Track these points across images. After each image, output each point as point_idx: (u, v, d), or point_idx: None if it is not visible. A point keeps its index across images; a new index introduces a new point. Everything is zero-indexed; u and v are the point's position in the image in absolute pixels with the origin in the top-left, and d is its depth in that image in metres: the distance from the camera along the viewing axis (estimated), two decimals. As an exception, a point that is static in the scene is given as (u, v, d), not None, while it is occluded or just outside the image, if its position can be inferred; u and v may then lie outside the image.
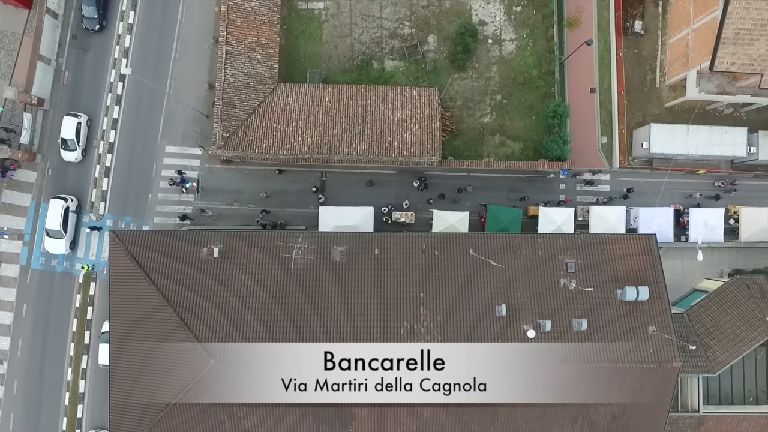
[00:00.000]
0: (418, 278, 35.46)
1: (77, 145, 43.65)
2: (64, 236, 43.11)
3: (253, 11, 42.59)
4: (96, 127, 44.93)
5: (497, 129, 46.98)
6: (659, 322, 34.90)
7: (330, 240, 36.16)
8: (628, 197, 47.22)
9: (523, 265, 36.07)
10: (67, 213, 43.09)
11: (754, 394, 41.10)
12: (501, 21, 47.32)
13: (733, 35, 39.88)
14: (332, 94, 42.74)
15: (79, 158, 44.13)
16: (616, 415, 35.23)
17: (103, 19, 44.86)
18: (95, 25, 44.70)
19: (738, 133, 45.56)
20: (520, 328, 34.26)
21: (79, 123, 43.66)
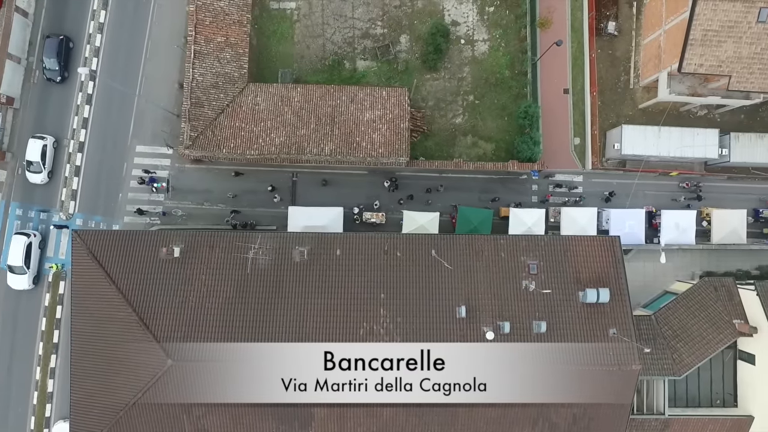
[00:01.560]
0: (379, 279, 35.36)
1: (42, 168, 43.42)
2: (27, 272, 42.97)
3: (223, 11, 42.54)
4: (66, 127, 44.90)
5: (469, 130, 46.91)
6: (620, 325, 34.78)
7: (292, 240, 36.09)
8: (609, 200, 47.05)
9: (485, 266, 35.96)
10: (30, 248, 42.90)
11: (721, 396, 41.03)
12: (474, 21, 47.24)
13: (700, 37, 39.75)
14: (301, 94, 42.70)
15: (45, 180, 44.00)
16: (577, 417, 35.13)
17: (64, 71, 44.73)
18: (57, 76, 44.53)
19: (709, 134, 45.40)
20: (480, 329, 34.19)
21: (44, 145, 43.44)
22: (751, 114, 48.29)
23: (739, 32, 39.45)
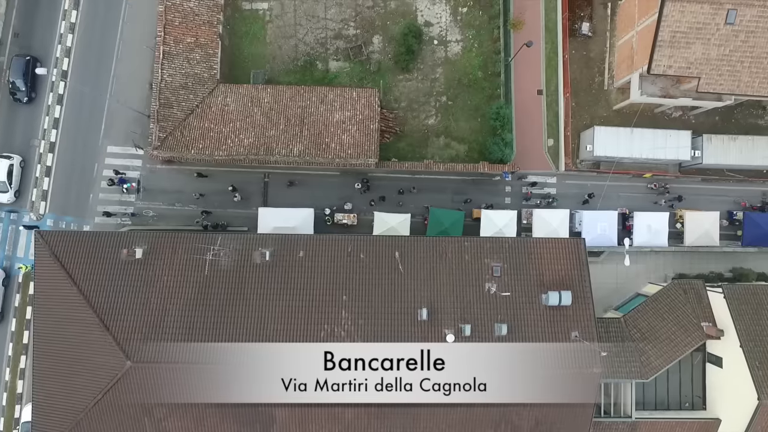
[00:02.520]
0: (341, 281, 35.32)
1: (8, 187, 43.30)
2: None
3: (192, 11, 42.46)
4: (37, 127, 44.86)
5: (442, 131, 46.80)
6: (582, 328, 34.72)
7: (254, 242, 36.05)
8: (587, 202, 46.89)
9: (448, 268, 35.91)
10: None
11: (690, 399, 40.85)
12: (447, 22, 47.10)
13: (669, 38, 39.59)
14: (271, 95, 42.61)
15: (12, 199, 43.92)
16: (539, 421, 35.07)
17: (32, 91, 44.62)
18: (24, 97, 44.46)
19: (682, 136, 45.26)
20: (441, 332, 34.11)
21: (11, 165, 43.32)
22: (726, 116, 48.13)
23: (708, 34, 39.28)
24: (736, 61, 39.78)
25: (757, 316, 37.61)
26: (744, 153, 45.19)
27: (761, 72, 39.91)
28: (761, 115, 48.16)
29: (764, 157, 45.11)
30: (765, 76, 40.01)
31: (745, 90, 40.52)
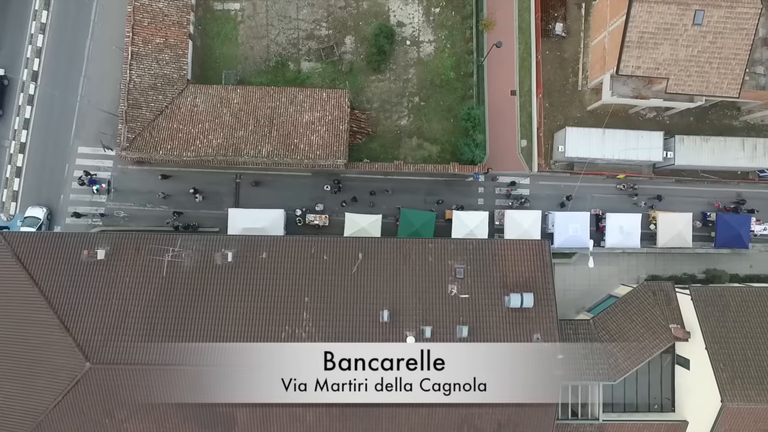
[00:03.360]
0: (304, 282, 35.29)
1: None
2: None
3: (161, 12, 42.37)
4: (8, 126, 44.81)
5: (415, 131, 46.69)
6: (545, 330, 34.60)
7: (217, 243, 35.99)
8: (565, 205, 46.72)
9: (412, 270, 35.83)
10: None
11: (659, 401, 40.71)
12: (419, 22, 46.97)
13: (637, 39, 39.48)
14: (241, 95, 42.54)
15: None
16: (502, 423, 34.96)
17: None
18: None
19: (654, 137, 45.08)
20: (402, 333, 34.01)
21: None
22: (701, 116, 47.96)
23: (676, 35, 39.17)
24: (705, 62, 39.65)
25: (723, 318, 37.48)
26: (716, 154, 44.99)
27: (729, 73, 39.79)
28: (735, 116, 47.95)
29: (736, 159, 44.89)
30: (733, 77, 39.90)
31: (713, 91, 40.40)
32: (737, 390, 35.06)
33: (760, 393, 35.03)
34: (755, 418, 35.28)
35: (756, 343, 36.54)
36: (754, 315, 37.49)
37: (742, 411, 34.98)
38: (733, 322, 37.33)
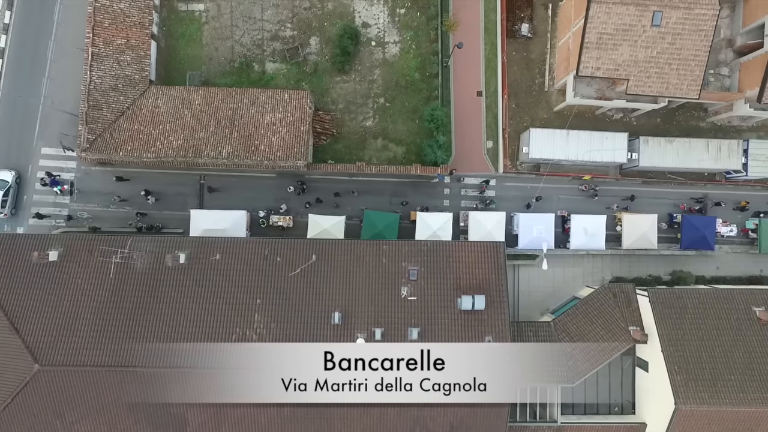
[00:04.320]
0: (256, 284, 35.29)
1: None
2: None
3: (123, 13, 42.31)
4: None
5: (380, 133, 46.61)
6: (497, 332, 34.50)
7: (171, 244, 35.97)
8: (530, 206, 46.59)
9: (366, 272, 35.80)
10: None
11: (619, 403, 40.59)
12: (385, 23, 46.89)
13: (596, 40, 39.36)
14: (203, 97, 42.47)
15: None
16: (454, 426, 34.90)
17: None
18: None
19: (618, 138, 44.92)
20: (354, 335, 33.93)
21: None
22: (668, 118, 47.79)
23: (635, 36, 39.05)
24: (664, 63, 39.53)
25: (680, 320, 37.34)
26: (680, 155, 44.83)
27: (689, 74, 39.65)
28: (703, 117, 47.77)
29: (700, 160, 44.72)
30: (693, 78, 39.75)
31: (673, 92, 40.26)
32: (690, 392, 34.95)
33: (714, 395, 34.90)
34: (709, 420, 35.14)
35: (711, 345, 36.39)
36: (711, 317, 37.32)
37: (695, 413, 34.85)
38: (690, 324, 37.18)
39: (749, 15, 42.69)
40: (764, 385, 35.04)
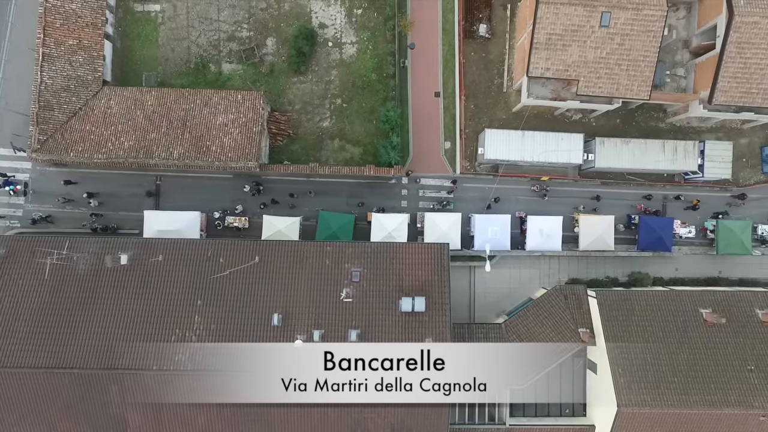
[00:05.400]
0: (199, 285, 35.21)
1: None
2: None
3: (75, 13, 42.23)
4: None
5: (337, 133, 46.50)
6: (437, 334, 34.40)
7: (113, 245, 35.90)
8: (490, 207, 46.43)
9: (308, 273, 35.74)
10: None
11: (571, 406, 40.42)
12: (342, 24, 46.77)
13: (545, 40, 39.23)
14: (156, 98, 42.39)
15: None
16: (395, 428, 34.80)
17: None
18: None
19: (574, 139, 44.74)
20: (293, 337, 33.82)
21: None
22: (627, 119, 47.58)
23: (583, 36, 38.90)
24: (614, 63, 39.37)
25: (626, 322, 37.24)
26: (637, 156, 44.63)
27: (639, 75, 39.49)
28: (662, 118, 47.58)
29: (657, 161, 44.52)
30: (643, 79, 39.60)
31: (624, 93, 40.11)
32: (633, 394, 34.84)
33: (656, 397, 34.78)
34: (651, 422, 35.04)
35: (657, 347, 36.30)
36: (658, 319, 37.23)
37: (637, 415, 34.75)
38: (637, 326, 37.10)
39: (703, 16, 42.51)
40: (707, 387, 34.92)
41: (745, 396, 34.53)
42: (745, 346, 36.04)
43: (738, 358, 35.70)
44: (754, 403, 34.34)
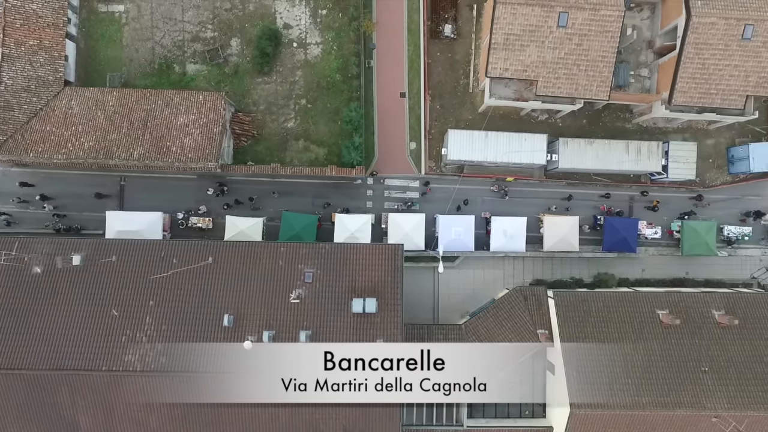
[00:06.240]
0: (151, 286, 35.10)
1: None
2: None
3: (35, 13, 42.18)
4: None
5: (301, 134, 46.42)
6: (389, 335, 34.28)
7: (67, 246, 35.85)
8: (460, 209, 46.31)
9: (260, 274, 35.65)
10: None
11: (530, 407, 40.28)
12: (306, 24, 46.69)
13: (503, 41, 39.12)
14: (117, 98, 42.35)
15: None
16: (347, 429, 34.66)
17: None
18: None
19: (537, 139, 44.59)
20: (244, 338, 33.70)
21: None
22: (594, 119, 47.44)
23: (541, 37, 38.79)
24: (572, 64, 39.25)
25: (582, 323, 37.11)
26: (600, 157, 44.48)
27: (598, 75, 39.37)
28: (628, 118, 47.45)
29: (620, 162, 44.38)
30: (602, 79, 39.47)
31: (583, 93, 39.98)
32: (586, 396, 34.68)
33: (609, 399, 34.63)
34: (604, 423, 34.88)
35: (612, 349, 36.11)
36: (614, 320, 37.08)
37: (590, 417, 34.62)
38: (593, 327, 36.95)
39: (666, 17, 42.37)
40: (660, 388, 34.78)
41: (698, 397, 34.39)
42: (700, 347, 35.89)
43: (693, 359, 35.55)
44: (706, 404, 34.19)
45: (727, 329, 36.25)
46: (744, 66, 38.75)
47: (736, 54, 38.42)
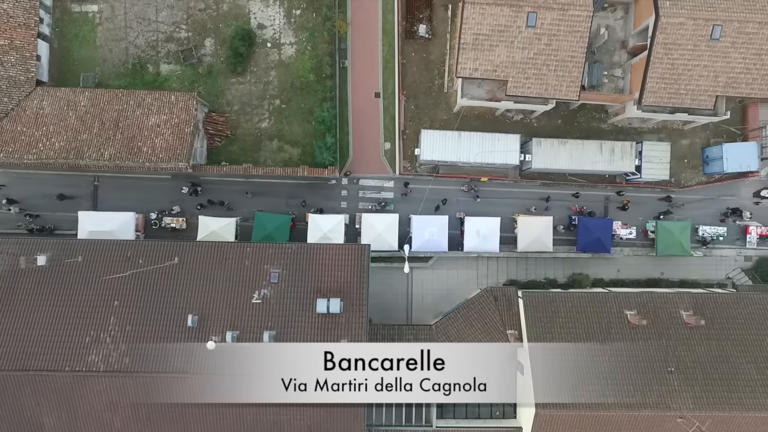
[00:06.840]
0: (116, 286, 35.01)
1: None
2: None
3: (6, 13, 42.15)
4: None
5: (275, 134, 46.37)
6: (353, 335, 34.21)
7: (32, 246, 35.80)
8: (438, 208, 46.25)
9: (226, 274, 35.59)
10: None
11: (501, 408, 40.18)
12: (280, 24, 46.65)
13: (472, 41, 39.08)
14: (89, 98, 42.32)
15: None
16: (312, 429, 34.56)
17: None
18: None
19: (511, 140, 44.50)
20: (207, 338, 33.64)
21: None
22: (569, 119, 47.37)
23: (510, 37, 38.73)
24: (542, 64, 39.20)
25: (550, 323, 37.03)
26: (574, 157, 44.38)
27: (567, 75, 39.32)
28: (604, 118, 47.38)
29: (594, 162, 44.30)
30: (572, 79, 39.42)
31: (553, 93, 39.93)
32: (551, 396, 34.58)
33: (575, 399, 34.54)
34: (570, 424, 34.83)
35: (579, 349, 36.02)
36: (582, 321, 37.00)
37: (555, 417, 34.55)
38: (561, 327, 36.88)
39: (639, 17, 42.33)
40: (626, 389, 34.71)
41: (664, 398, 34.32)
42: (667, 347, 35.82)
43: (659, 359, 35.49)
44: (671, 404, 34.12)
45: (694, 329, 36.19)
46: (713, 66, 38.69)
47: (705, 54, 38.37)
